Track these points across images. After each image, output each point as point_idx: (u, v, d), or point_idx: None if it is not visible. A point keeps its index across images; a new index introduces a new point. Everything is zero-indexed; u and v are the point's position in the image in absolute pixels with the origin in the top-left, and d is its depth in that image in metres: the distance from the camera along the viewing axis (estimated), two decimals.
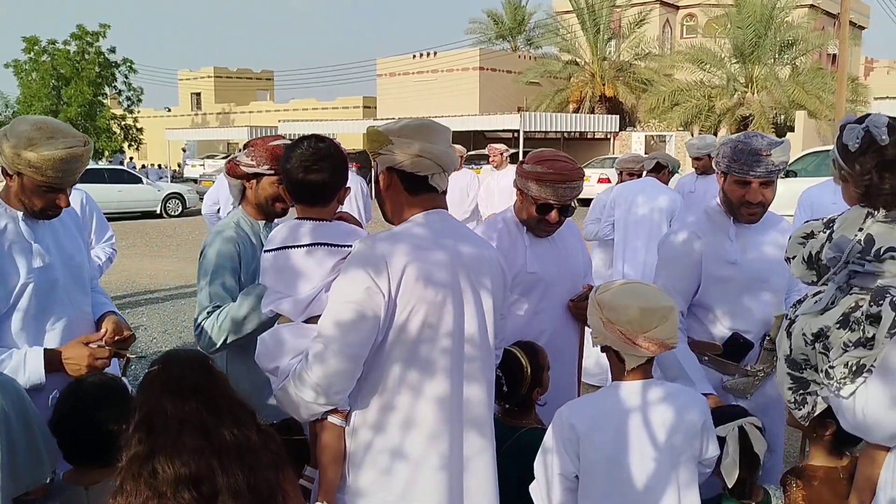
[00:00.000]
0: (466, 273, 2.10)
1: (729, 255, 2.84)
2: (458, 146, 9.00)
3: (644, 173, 6.36)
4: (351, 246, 2.10)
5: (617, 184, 6.69)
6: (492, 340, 2.19)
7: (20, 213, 2.42)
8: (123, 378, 2.72)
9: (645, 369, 2.17)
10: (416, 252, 2.02)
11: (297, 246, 2.18)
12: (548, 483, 2.19)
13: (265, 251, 2.25)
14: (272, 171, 2.59)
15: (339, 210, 2.34)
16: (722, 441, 2.28)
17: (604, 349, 2.23)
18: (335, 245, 2.18)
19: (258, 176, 2.63)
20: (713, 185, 6.50)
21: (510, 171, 8.30)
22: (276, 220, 2.71)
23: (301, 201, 2.26)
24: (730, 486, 2.30)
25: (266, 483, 1.89)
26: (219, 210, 7.33)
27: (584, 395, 2.40)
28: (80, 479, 2.13)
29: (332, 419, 2.05)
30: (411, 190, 2.11)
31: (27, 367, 2.30)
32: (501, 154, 8.62)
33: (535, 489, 2.24)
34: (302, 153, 2.21)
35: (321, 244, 2.17)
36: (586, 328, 2.93)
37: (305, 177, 2.20)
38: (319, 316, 2.06)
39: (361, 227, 2.38)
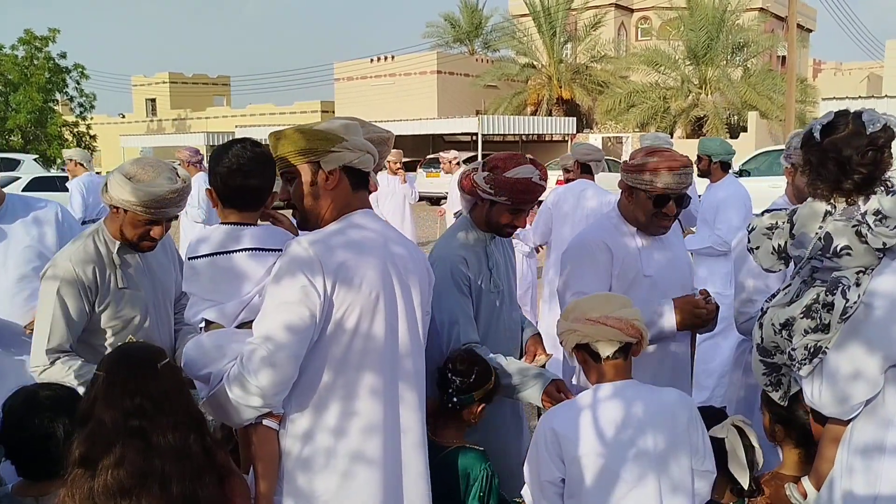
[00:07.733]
0: (397, 272, 2.11)
1: None
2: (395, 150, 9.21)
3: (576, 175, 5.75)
4: (281, 249, 2.06)
5: (557, 183, 6.41)
6: (422, 339, 2.21)
7: None
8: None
9: (624, 368, 2.21)
10: (350, 251, 2.02)
11: (229, 252, 2.14)
12: (537, 490, 2.22)
13: (190, 258, 2.19)
14: (509, 202, 2.70)
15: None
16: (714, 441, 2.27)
17: (578, 357, 2.27)
18: (266, 249, 2.15)
19: (494, 203, 2.73)
20: None
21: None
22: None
23: (233, 206, 2.21)
24: (745, 487, 2.28)
25: (208, 500, 1.84)
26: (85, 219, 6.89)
27: (565, 401, 2.39)
28: (30, 491, 2.08)
29: (267, 423, 2.01)
30: (355, 187, 2.14)
31: None
32: (450, 161, 9.24)
33: (526, 492, 2.27)
34: (238, 157, 2.16)
35: (253, 249, 2.15)
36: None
37: (244, 182, 2.16)
38: (251, 321, 2.04)
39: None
